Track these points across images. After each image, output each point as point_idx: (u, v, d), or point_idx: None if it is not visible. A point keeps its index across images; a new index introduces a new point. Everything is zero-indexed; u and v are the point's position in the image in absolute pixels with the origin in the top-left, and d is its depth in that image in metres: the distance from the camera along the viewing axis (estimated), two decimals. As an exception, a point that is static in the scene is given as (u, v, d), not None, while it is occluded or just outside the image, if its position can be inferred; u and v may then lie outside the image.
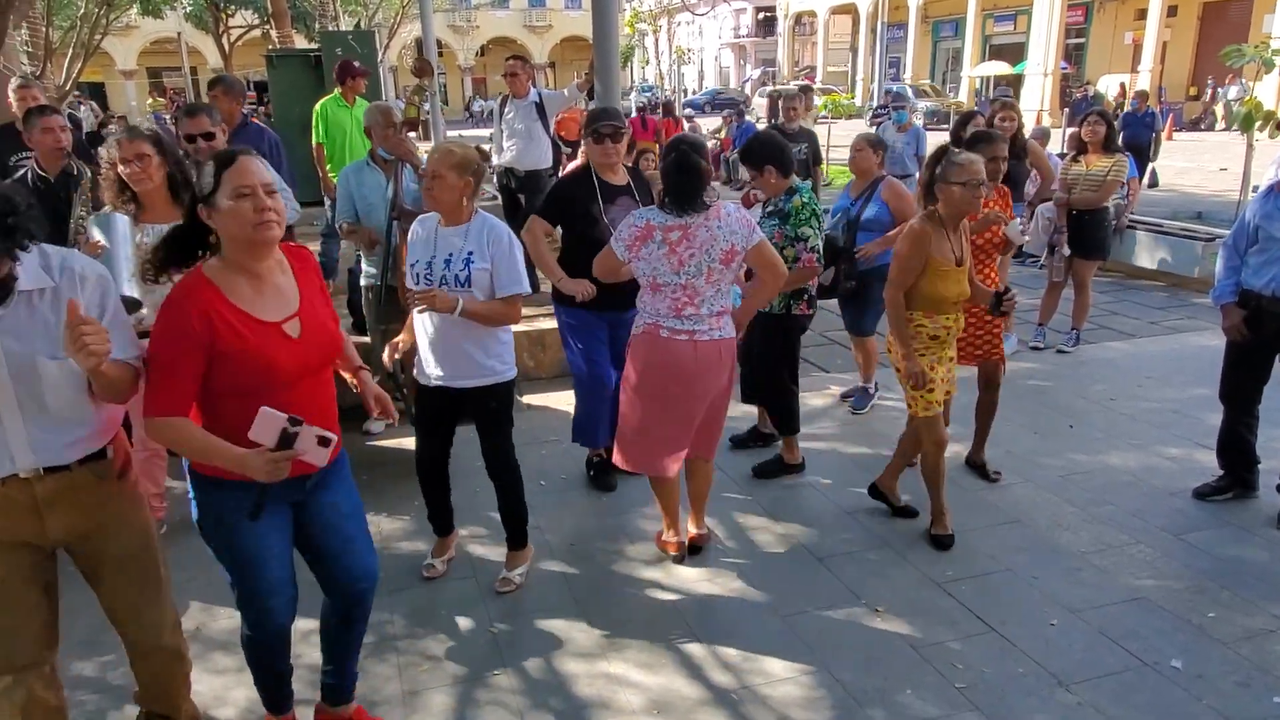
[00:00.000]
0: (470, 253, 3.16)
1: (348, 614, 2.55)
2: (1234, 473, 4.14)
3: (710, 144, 16.39)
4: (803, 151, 8.07)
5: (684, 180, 3.27)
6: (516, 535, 3.59)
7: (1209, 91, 27.37)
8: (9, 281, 2.00)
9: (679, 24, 38.10)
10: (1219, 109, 26.05)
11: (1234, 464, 4.14)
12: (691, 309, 3.31)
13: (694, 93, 45.71)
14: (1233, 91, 24.92)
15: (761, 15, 51.37)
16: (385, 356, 3.36)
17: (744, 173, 4.82)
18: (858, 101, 37.03)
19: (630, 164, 4.45)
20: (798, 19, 46.55)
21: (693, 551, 3.70)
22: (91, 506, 2.21)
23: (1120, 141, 6.94)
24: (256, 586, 2.31)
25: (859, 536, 3.88)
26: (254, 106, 12.25)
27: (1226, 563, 3.61)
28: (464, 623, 3.31)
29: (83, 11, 16.28)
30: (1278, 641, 3.10)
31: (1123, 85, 24.19)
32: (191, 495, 2.29)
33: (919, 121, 24.39)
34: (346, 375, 2.58)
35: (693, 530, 3.75)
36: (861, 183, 5.13)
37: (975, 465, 4.46)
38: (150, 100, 34.64)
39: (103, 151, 3.48)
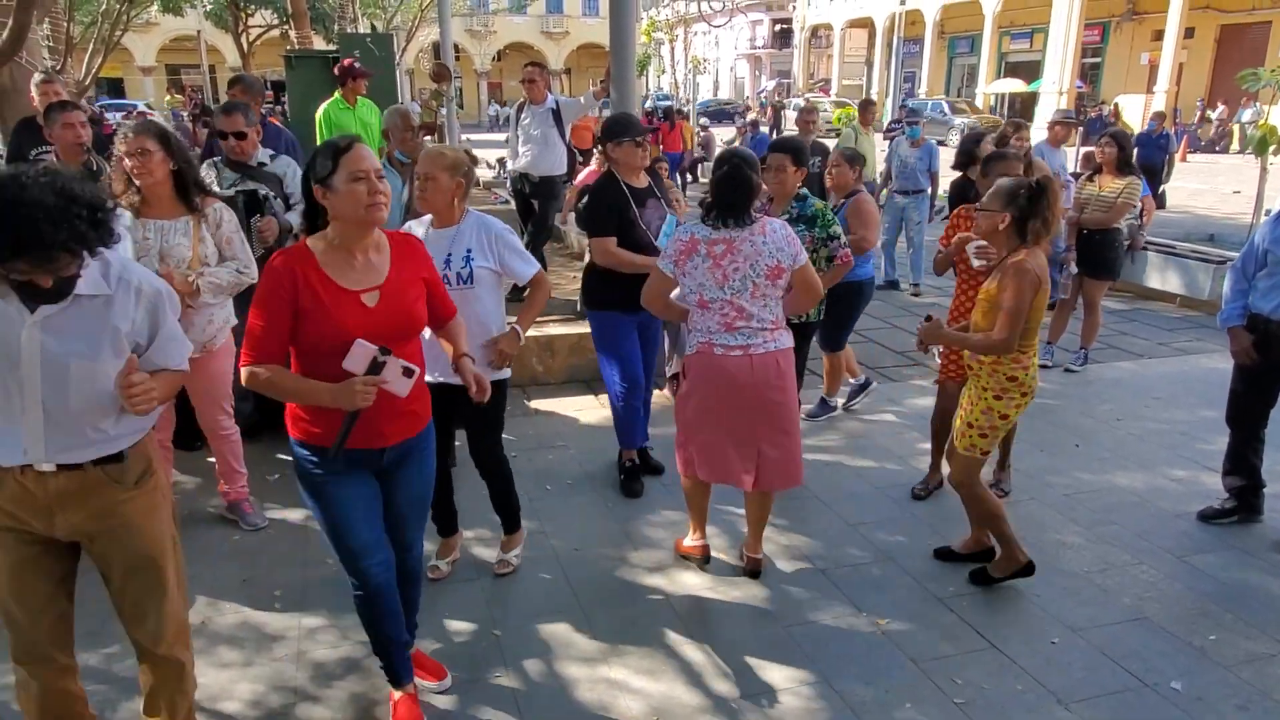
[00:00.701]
0: (469, 250, 3.22)
1: (399, 570, 2.76)
2: (1239, 496, 4.14)
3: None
4: (817, 165, 8.09)
5: (734, 194, 3.27)
6: (511, 521, 3.70)
7: (1198, 113, 27.41)
8: (71, 281, 2.03)
9: (695, 34, 38.17)
10: (1234, 130, 26.05)
11: (1239, 487, 4.14)
12: (743, 322, 3.30)
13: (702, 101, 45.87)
14: (1246, 114, 24.91)
15: (778, 27, 51.49)
16: None
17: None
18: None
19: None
20: (814, 32, 46.64)
21: (752, 575, 3.67)
22: (100, 510, 2.20)
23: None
24: (350, 546, 2.54)
25: (862, 549, 3.89)
26: (271, 106, 12.33)
27: (1230, 586, 3.61)
28: (466, 625, 3.33)
29: (104, 7, 16.39)
30: (1279, 666, 3.10)
31: (1116, 106, 24.12)
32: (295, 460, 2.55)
33: (955, 137, 23.97)
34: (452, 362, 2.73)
35: (750, 554, 3.71)
36: (838, 197, 5.16)
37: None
38: (169, 97, 34.88)
39: (115, 144, 3.50)
